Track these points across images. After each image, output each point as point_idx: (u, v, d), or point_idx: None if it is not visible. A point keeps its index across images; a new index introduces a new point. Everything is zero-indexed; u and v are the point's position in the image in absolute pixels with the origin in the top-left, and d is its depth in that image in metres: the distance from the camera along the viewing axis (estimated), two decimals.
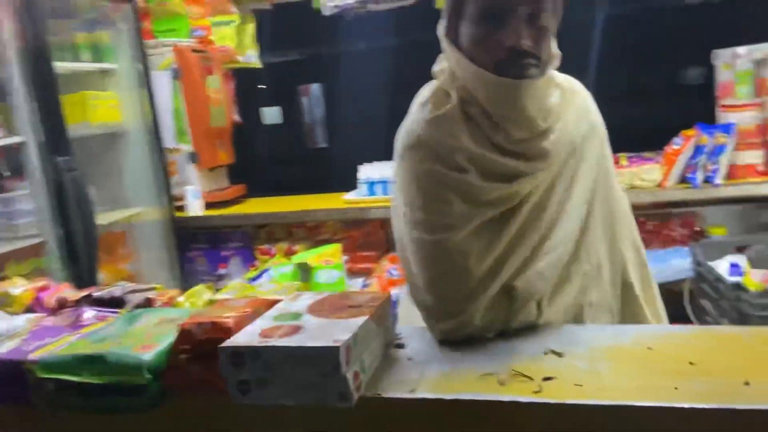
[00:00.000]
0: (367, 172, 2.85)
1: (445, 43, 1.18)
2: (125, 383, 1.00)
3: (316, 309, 1.10)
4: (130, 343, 1.05)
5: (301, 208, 3.01)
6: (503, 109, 1.11)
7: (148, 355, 1.01)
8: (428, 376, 1.01)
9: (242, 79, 3.52)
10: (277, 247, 3.07)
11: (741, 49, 2.45)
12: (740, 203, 2.62)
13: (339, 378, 0.92)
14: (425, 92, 1.23)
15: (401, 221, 1.21)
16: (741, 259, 2.34)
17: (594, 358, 1.02)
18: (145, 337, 1.07)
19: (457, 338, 1.13)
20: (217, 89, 3.15)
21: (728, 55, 2.53)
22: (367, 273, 2.87)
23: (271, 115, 3.72)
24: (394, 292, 2.56)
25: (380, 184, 2.78)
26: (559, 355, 1.04)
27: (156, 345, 1.05)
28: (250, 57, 3.29)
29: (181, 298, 1.30)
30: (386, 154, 3.11)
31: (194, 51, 3.07)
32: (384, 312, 1.13)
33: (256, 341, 0.96)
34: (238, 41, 3.25)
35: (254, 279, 2.68)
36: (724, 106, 2.52)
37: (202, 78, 3.03)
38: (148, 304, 1.28)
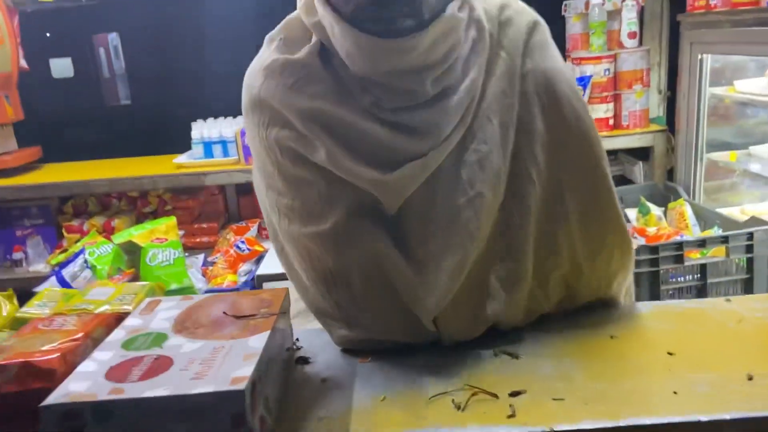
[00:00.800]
0: (202, 130, 2.42)
1: None
2: None
3: (186, 325, 0.77)
4: None
5: (119, 175, 2.50)
6: (366, 70, 0.76)
7: None
8: (359, 405, 0.74)
9: (28, 20, 2.84)
10: (90, 222, 2.53)
11: (594, 0, 2.42)
12: None
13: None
14: (279, 25, 0.87)
15: (266, 201, 0.89)
16: None
17: (555, 356, 0.82)
18: None
19: (363, 348, 0.87)
20: None
21: (581, 6, 2.49)
22: (207, 248, 2.47)
23: (62, 67, 3.08)
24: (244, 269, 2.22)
25: (219, 144, 2.37)
26: (513, 356, 0.83)
27: None
28: None
29: None
30: (222, 110, 2.74)
31: None
32: (284, 318, 0.83)
33: (103, 391, 0.62)
34: None
35: (64, 264, 2.18)
36: (575, 58, 2.50)
37: None
38: None
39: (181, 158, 2.49)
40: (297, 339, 0.91)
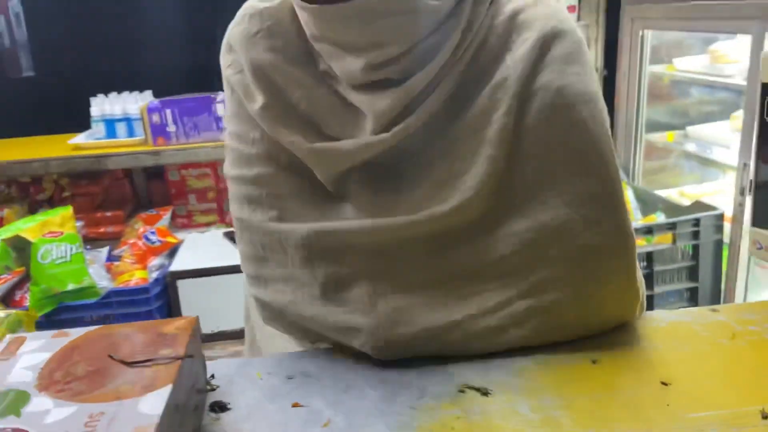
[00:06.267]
0: (103, 106, 2.12)
1: None
2: None
3: (55, 377, 0.58)
4: None
5: (6, 159, 2.18)
6: (311, 31, 0.70)
7: None
8: None
9: None
10: None
11: None
12: None
13: None
14: None
15: None
16: None
17: (531, 390, 0.68)
18: None
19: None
20: None
21: None
22: (113, 239, 2.21)
23: None
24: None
25: (123, 122, 2.09)
26: (482, 392, 0.68)
27: None
28: None
29: None
30: (125, 83, 2.46)
31: None
32: (193, 359, 0.64)
33: None
34: None
35: None
36: None
37: None
38: None
39: (79, 138, 2.19)
40: (212, 376, 0.73)
